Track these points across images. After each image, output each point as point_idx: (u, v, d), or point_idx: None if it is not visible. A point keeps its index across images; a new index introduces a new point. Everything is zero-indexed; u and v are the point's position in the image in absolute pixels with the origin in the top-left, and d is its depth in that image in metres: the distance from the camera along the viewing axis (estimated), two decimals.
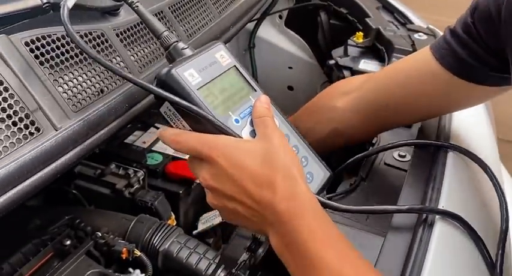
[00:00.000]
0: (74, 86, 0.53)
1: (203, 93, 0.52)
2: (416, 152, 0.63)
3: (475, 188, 0.60)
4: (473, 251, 0.50)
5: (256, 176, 0.47)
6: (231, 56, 0.57)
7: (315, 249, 0.44)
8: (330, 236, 0.46)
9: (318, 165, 0.57)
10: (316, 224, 0.46)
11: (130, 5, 0.56)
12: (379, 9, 1.13)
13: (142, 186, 0.86)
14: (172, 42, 0.55)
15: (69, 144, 0.48)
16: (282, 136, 0.51)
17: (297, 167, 0.49)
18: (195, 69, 0.53)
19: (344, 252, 0.45)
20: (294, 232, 0.45)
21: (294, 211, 0.46)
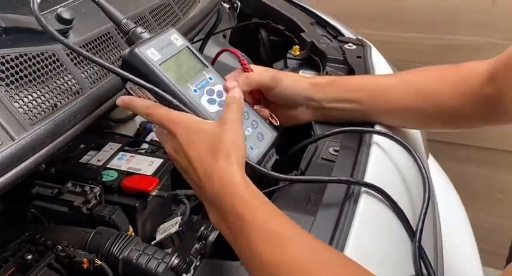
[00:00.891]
0: (29, 102, 0.57)
1: (164, 68, 0.60)
2: (344, 141, 0.71)
3: (399, 167, 0.68)
4: (396, 221, 0.57)
5: (201, 156, 0.55)
6: (183, 39, 0.66)
7: (248, 217, 0.51)
8: (260, 203, 0.53)
9: (266, 127, 0.67)
10: (246, 194, 0.53)
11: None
12: (313, 25, 1.21)
13: (99, 202, 0.88)
14: (132, 28, 0.62)
15: (28, 152, 0.52)
16: (237, 124, 0.59)
17: (236, 153, 0.56)
18: (155, 48, 0.61)
19: (272, 213, 0.52)
20: (228, 204, 0.52)
21: (225, 188, 0.53)
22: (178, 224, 0.88)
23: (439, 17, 1.69)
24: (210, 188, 0.54)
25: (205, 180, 0.55)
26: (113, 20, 0.64)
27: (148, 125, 1.14)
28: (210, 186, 0.54)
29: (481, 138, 1.81)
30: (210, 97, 0.64)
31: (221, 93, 0.66)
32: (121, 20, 0.63)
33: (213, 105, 0.64)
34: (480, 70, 0.76)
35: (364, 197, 0.59)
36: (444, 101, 0.76)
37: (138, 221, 0.91)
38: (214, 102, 0.64)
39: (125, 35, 0.63)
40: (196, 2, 1.10)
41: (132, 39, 0.63)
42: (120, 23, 0.63)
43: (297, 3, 1.36)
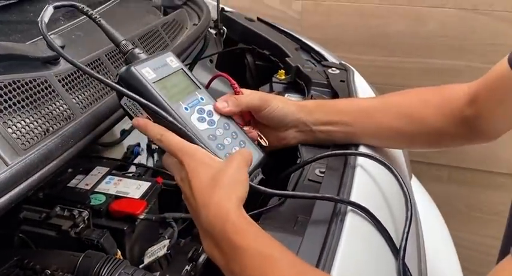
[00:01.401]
0: (22, 127, 0.59)
1: (158, 86, 0.63)
2: (330, 164, 0.73)
3: (383, 187, 0.71)
4: (380, 239, 0.59)
5: (201, 187, 0.58)
6: (179, 61, 0.70)
7: (240, 243, 0.53)
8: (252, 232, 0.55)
9: (253, 148, 0.70)
10: (238, 222, 0.55)
11: (94, 20, 0.65)
12: (298, 50, 1.25)
13: (87, 226, 0.89)
14: (130, 49, 0.65)
15: (22, 176, 0.53)
16: (243, 164, 0.62)
17: (236, 187, 0.59)
18: (150, 68, 0.64)
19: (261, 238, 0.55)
20: (221, 231, 0.54)
21: (220, 217, 0.55)
22: (166, 247, 0.88)
23: (419, 41, 1.74)
24: (205, 217, 0.57)
25: (202, 209, 0.57)
26: (113, 41, 0.67)
27: (135, 149, 1.15)
28: (206, 214, 0.57)
29: (462, 159, 1.85)
30: (200, 115, 0.67)
31: (211, 112, 0.69)
32: (120, 41, 0.67)
33: (202, 123, 0.67)
34: (461, 93, 0.80)
35: (350, 216, 0.61)
36: (426, 122, 0.79)
37: (126, 245, 0.92)
38: (204, 120, 0.68)
39: (124, 55, 0.67)
40: (184, 29, 1.13)
41: (129, 59, 0.67)
42: (120, 44, 0.67)
43: (282, 29, 1.40)
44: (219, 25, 1.34)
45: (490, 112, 0.77)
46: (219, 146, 0.67)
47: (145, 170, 1.14)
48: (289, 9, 1.86)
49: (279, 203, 0.68)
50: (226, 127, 0.70)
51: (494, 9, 1.62)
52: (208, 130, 0.67)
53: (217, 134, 0.68)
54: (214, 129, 0.68)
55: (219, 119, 0.70)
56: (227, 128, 0.70)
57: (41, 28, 0.63)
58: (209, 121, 0.68)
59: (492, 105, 0.76)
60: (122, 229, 0.90)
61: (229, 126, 0.71)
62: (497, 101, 0.76)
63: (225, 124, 0.70)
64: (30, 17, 0.80)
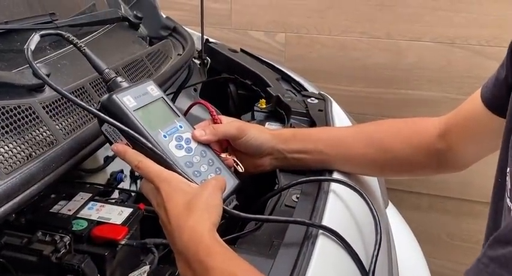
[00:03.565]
0: (5, 152, 0.61)
1: (138, 114, 0.65)
2: (304, 189, 0.76)
3: (354, 212, 0.73)
4: (350, 262, 0.61)
5: (176, 211, 0.60)
6: (159, 90, 0.73)
7: (209, 261, 0.56)
8: (221, 251, 0.57)
9: (229, 174, 0.72)
10: (210, 244, 0.58)
11: (78, 48, 0.68)
12: (279, 80, 1.29)
13: (68, 251, 0.89)
14: (112, 77, 0.68)
15: (3, 199, 0.55)
16: (217, 190, 0.64)
17: (209, 211, 0.61)
18: (131, 96, 0.66)
19: (230, 258, 0.57)
20: (194, 253, 0.57)
21: (193, 240, 0.58)
22: (146, 272, 0.89)
23: (398, 73, 1.80)
24: (179, 239, 0.59)
25: (177, 231, 0.59)
26: (96, 69, 0.70)
27: (118, 175, 1.17)
28: (180, 238, 0.59)
29: (443, 188, 1.88)
30: (178, 143, 0.70)
31: (189, 140, 0.72)
32: (104, 69, 0.69)
33: (180, 150, 0.70)
34: (432, 126, 0.84)
35: (321, 240, 0.64)
36: (396, 152, 0.82)
37: (107, 270, 0.92)
38: (181, 147, 0.70)
39: (106, 82, 0.69)
40: (168, 58, 1.17)
41: (112, 87, 0.70)
42: (103, 72, 0.69)
43: (264, 60, 1.44)
44: (203, 55, 1.38)
45: (460, 145, 0.81)
46: (195, 172, 0.69)
47: (128, 197, 1.15)
48: (273, 41, 1.92)
49: (255, 228, 0.70)
50: (203, 154, 0.73)
51: (470, 43, 1.68)
52: (185, 157, 0.70)
53: (194, 161, 0.71)
54: (192, 156, 0.71)
55: (197, 146, 0.73)
56: (204, 155, 0.73)
57: (27, 55, 0.66)
58: (187, 148, 0.71)
59: (463, 138, 0.80)
60: (103, 254, 0.90)
61: (206, 153, 0.73)
62: (468, 135, 0.80)
63: (202, 151, 0.73)
64: (17, 46, 0.82)
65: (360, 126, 0.89)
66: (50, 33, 0.71)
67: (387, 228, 0.76)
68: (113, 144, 0.68)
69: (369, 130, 0.87)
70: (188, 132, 0.73)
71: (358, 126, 0.90)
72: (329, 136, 0.86)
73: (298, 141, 0.83)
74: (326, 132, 0.91)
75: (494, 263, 0.43)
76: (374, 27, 1.78)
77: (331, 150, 0.83)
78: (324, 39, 1.84)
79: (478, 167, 0.86)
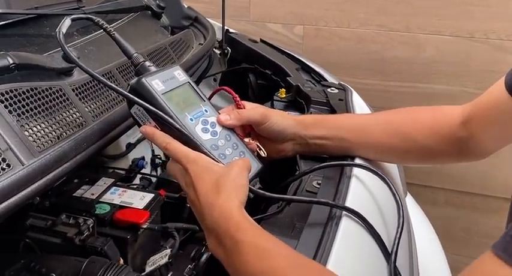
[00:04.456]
0: (38, 131, 0.62)
1: (166, 97, 0.67)
2: (327, 174, 0.77)
3: (376, 196, 0.74)
4: (373, 244, 0.62)
5: (206, 190, 0.62)
6: (185, 75, 0.74)
7: (239, 236, 0.57)
8: (250, 226, 0.59)
9: (252, 158, 0.73)
10: (239, 220, 0.59)
11: (108, 33, 0.69)
12: (299, 70, 1.30)
13: (91, 234, 0.91)
14: (141, 61, 0.69)
15: (38, 175, 0.56)
16: (243, 170, 0.66)
17: (236, 190, 0.63)
18: (159, 80, 0.68)
19: (259, 233, 0.59)
20: (224, 229, 0.59)
21: (223, 217, 0.60)
22: (167, 256, 0.90)
23: (416, 67, 1.79)
24: (210, 216, 0.61)
25: (207, 210, 0.61)
26: (125, 53, 0.71)
27: (140, 162, 1.19)
28: (210, 214, 0.61)
29: (460, 183, 1.88)
30: (204, 126, 0.71)
31: (214, 124, 0.73)
32: (132, 54, 0.71)
33: (206, 133, 0.71)
34: (454, 114, 0.84)
35: (344, 221, 0.65)
36: (418, 140, 0.83)
37: (128, 253, 0.94)
38: (207, 131, 0.72)
39: (135, 66, 0.71)
40: (190, 48, 1.18)
41: (140, 71, 0.71)
42: (132, 56, 0.71)
43: (284, 50, 1.45)
44: (224, 45, 1.39)
45: (482, 133, 0.81)
46: (220, 155, 0.71)
47: (149, 183, 1.17)
48: (291, 33, 1.92)
49: (278, 211, 0.71)
50: (228, 138, 0.74)
51: (489, 37, 1.68)
52: (211, 140, 0.71)
53: (219, 145, 0.72)
54: (217, 140, 0.72)
55: (221, 130, 0.74)
56: (228, 139, 0.74)
57: (58, 38, 0.67)
58: (212, 132, 0.72)
59: (485, 127, 0.80)
60: (125, 237, 0.92)
61: (230, 137, 0.75)
62: (490, 124, 0.79)
63: (227, 135, 0.74)
64: (46, 31, 0.84)
65: (381, 114, 0.89)
66: (81, 17, 0.72)
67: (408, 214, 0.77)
68: (142, 126, 0.69)
69: (389, 118, 0.87)
70: (213, 116, 0.75)
71: (379, 114, 0.90)
72: (351, 123, 0.87)
73: (320, 127, 0.84)
74: (348, 119, 0.91)
75: None
76: (393, 20, 1.77)
77: (353, 137, 0.84)
78: (342, 31, 1.84)
79: (496, 162, 0.86)
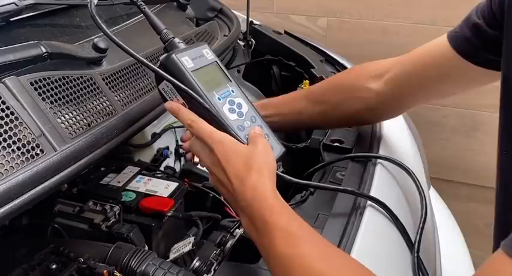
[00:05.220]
0: (70, 118, 0.64)
1: (196, 75, 0.67)
2: (351, 164, 0.77)
3: (401, 188, 0.74)
4: (396, 233, 0.63)
5: (236, 171, 0.63)
6: (213, 54, 0.74)
7: (272, 219, 0.58)
8: (283, 211, 0.60)
9: (276, 141, 0.73)
10: (273, 203, 0.60)
11: (138, 7, 0.69)
12: (323, 62, 1.30)
13: (118, 220, 0.93)
14: (170, 38, 0.70)
15: (70, 161, 0.58)
16: (267, 146, 0.67)
17: (268, 168, 0.63)
18: (189, 57, 0.68)
19: (292, 218, 0.59)
20: (257, 211, 0.59)
21: (256, 198, 0.60)
22: (191, 243, 0.92)
23: None
24: (243, 197, 0.61)
25: (239, 190, 0.62)
26: (155, 29, 0.71)
27: (164, 151, 1.21)
28: (243, 195, 0.61)
29: (483, 177, 1.86)
30: (230, 107, 0.72)
31: (240, 105, 0.73)
32: (162, 29, 0.71)
33: (233, 113, 0.71)
34: (370, 71, 0.90)
35: (368, 210, 0.65)
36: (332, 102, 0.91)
37: (153, 240, 0.96)
38: (234, 111, 0.72)
39: (164, 42, 0.71)
40: (215, 39, 1.19)
41: (169, 47, 0.71)
42: (161, 32, 0.71)
43: (308, 42, 1.45)
44: (248, 37, 1.40)
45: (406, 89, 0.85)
46: (246, 136, 0.70)
47: (173, 172, 1.19)
48: (314, 25, 1.91)
49: (302, 200, 0.72)
50: (253, 120, 0.74)
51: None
52: (237, 121, 0.71)
53: (245, 126, 0.71)
54: (243, 121, 0.72)
55: (247, 111, 0.74)
56: (254, 120, 0.74)
57: (90, 10, 0.67)
58: (238, 113, 0.72)
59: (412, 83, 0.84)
60: (150, 225, 0.94)
61: (255, 119, 0.74)
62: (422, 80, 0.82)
63: (252, 117, 0.74)
64: (76, 21, 0.86)
65: (310, 87, 1.01)
66: None
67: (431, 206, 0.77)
68: (167, 101, 0.69)
69: (316, 87, 0.98)
70: (239, 97, 0.74)
71: (308, 89, 1.02)
72: (281, 101, 0.97)
73: (270, 107, 0.95)
74: (281, 97, 1.00)
75: None
76: (419, 13, 1.75)
77: (283, 113, 0.93)
78: (366, 24, 1.83)
79: None
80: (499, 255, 0.47)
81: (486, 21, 0.71)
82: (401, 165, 0.74)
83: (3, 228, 0.86)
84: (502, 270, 0.47)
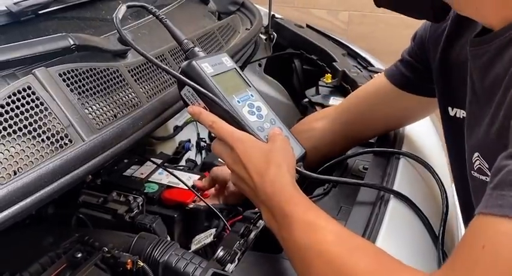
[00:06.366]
0: (97, 109, 0.65)
1: (215, 80, 0.70)
2: (374, 159, 0.77)
3: (423, 182, 0.74)
4: (421, 226, 0.63)
5: (256, 167, 0.64)
6: (232, 61, 0.77)
7: (289, 210, 0.59)
8: (301, 201, 0.61)
9: (296, 142, 0.75)
10: (291, 195, 0.61)
11: (160, 20, 0.72)
12: (345, 56, 1.29)
13: (141, 211, 0.95)
14: (191, 47, 0.72)
15: (98, 151, 0.59)
16: (286, 141, 0.69)
17: (287, 163, 0.65)
18: (209, 63, 0.70)
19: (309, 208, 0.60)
20: (277, 204, 0.61)
21: (276, 191, 0.61)
22: (212, 235, 0.93)
23: None
24: (263, 191, 0.63)
25: (259, 184, 0.63)
26: (176, 39, 0.74)
27: (186, 144, 1.22)
28: (263, 189, 0.62)
29: None
30: (250, 109, 0.74)
31: (260, 108, 0.75)
32: (183, 40, 0.73)
33: (252, 115, 0.73)
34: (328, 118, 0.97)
35: (392, 203, 0.65)
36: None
37: (175, 231, 0.97)
38: (253, 113, 0.74)
39: (185, 52, 0.73)
40: (237, 33, 1.19)
41: (190, 56, 0.74)
42: (182, 42, 0.73)
43: (330, 35, 1.44)
44: (270, 30, 1.40)
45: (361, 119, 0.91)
46: (265, 137, 0.72)
47: (194, 165, 1.20)
48: (336, 19, 1.91)
49: (324, 193, 0.72)
50: (273, 122, 0.76)
51: None
52: (257, 122, 0.73)
53: (265, 127, 0.74)
54: (262, 122, 0.74)
55: (267, 114, 0.76)
56: (273, 123, 0.76)
57: (115, 23, 0.70)
58: (258, 115, 0.74)
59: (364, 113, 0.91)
60: (173, 216, 0.96)
61: (275, 121, 0.76)
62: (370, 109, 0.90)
63: (272, 119, 0.76)
64: (102, 14, 0.87)
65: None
66: (135, 5, 0.75)
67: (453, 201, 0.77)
68: (189, 106, 0.71)
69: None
70: (259, 101, 0.77)
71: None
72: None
73: None
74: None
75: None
76: None
77: None
78: (388, 17, 1.82)
79: None
80: (486, 220, 0.47)
81: (414, 59, 0.86)
82: (421, 161, 0.73)
83: (30, 217, 0.88)
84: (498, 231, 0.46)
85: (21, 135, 0.56)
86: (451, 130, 0.77)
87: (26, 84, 0.59)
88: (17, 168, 0.53)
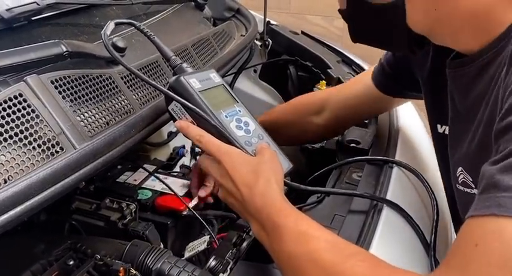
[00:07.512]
0: (89, 117, 0.65)
1: (203, 95, 0.70)
2: (368, 167, 0.77)
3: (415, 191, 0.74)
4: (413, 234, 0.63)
5: (244, 179, 0.64)
6: (220, 77, 0.77)
7: (280, 221, 0.59)
8: (292, 212, 0.61)
9: (283, 158, 0.75)
10: (282, 207, 0.61)
11: (148, 37, 0.72)
12: (340, 62, 1.30)
13: (134, 218, 0.94)
14: (178, 63, 0.72)
15: (89, 159, 0.59)
16: (274, 154, 0.69)
17: (275, 176, 0.65)
18: (196, 79, 0.70)
19: (300, 218, 0.60)
20: (267, 216, 0.60)
21: (266, 203, 0.61)
22: (206, 242, 0.92)
23: None
24: (252, 203, 0.62)
25: (248, 197, 0.63)
26: (164, 56, 0.74)
27: (180, 150, 1.21)
28: (253, 202, 0.62)
29: None
30: (237, 124, 0.74)
31: (247, 123, 0.76)
32: (171, 56, 0.74)
33: (240, 130, 0.74)
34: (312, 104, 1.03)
35: (386, 211, 0.65)
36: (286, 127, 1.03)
37: (168, 238, 0.96)
38: (241, 128, 0.74)
39: (173, 68, 0.74)
40: (232, 39, 1.19)
41: (178, 72, 0.74)
42: (170, 59, 0.74)
43: (325, 42, 1.45)
44: (265, 37, 1.40)
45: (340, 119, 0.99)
46: (253, 151, 0.72)
47: (189, 171, 1.20)
48: (331, 25, 1.91)
49: (318, 201, 0.72)
50: (260, 137, 0.76)
51: None
52: (244, 137, 0.73)
53: (253, 142, 0.74)
54: (250, 137, 0.74)
55: (255, 129, 0.76)
56: (261, 138, 0.76)
57: (104, 40, 0.69)
58: (246, 130, 0.75)
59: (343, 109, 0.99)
60: (166, 223, 0.95)
61: (263, 137, 0.76)
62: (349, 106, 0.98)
63: (260, 135, 0.76)
64: (96, 21, 0.87)
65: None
66: (123, 22, 0.75)
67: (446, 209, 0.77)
68: (177, 120, 0.71)
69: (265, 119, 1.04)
70: (246, 116, 0.77)
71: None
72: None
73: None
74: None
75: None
76: None
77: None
78: None
79: None
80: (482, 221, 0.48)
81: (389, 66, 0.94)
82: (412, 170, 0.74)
83: (22, 224, 0.87)
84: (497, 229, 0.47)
85: (12, 143, 0.55)
86: (440, 146, 0.79)
87: (17, 92, 0.59)
88: (7, 177, 0.53)
